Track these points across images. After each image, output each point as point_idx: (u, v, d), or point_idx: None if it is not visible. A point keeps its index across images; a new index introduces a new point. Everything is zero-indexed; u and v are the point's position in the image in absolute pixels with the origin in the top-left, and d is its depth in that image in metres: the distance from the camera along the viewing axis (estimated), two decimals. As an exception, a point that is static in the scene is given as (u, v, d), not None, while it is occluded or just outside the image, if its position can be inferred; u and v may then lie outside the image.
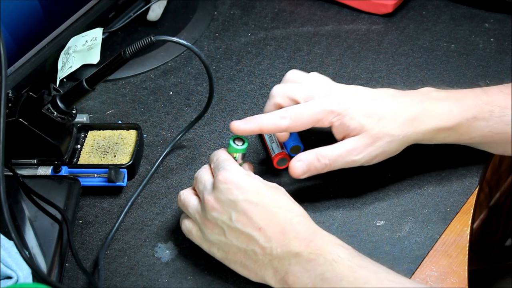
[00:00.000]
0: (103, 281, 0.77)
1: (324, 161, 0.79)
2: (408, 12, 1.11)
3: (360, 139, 0.79)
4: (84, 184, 0.85)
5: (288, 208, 0.74)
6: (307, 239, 0.71)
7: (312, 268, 0.70)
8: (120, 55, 0.78)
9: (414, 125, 0.80)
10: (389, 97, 0.82)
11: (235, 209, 0.73)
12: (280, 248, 0.71)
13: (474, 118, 0.81)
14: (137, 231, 0.83)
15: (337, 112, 0.79)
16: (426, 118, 0.80)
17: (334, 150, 0.79)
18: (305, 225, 0.73)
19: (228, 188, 0.73)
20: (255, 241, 0.72)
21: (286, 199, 0.75)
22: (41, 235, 0.78)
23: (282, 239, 0.71)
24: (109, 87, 1.00)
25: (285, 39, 1.07)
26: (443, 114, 0.81)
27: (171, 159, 0.90)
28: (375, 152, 0.80)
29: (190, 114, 0.96)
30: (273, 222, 0.72)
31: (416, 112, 0.80)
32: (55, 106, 0.82)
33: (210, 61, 1.04)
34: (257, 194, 0.73)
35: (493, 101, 0.82)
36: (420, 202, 0.84)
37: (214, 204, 0.74)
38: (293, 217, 0.73)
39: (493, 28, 1.07)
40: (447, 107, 0.81)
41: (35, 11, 0.88)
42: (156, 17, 1.08)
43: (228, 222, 0.73)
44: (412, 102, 0.81)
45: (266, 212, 0.73)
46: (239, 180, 0.74)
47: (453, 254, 0.80)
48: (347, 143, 0.80)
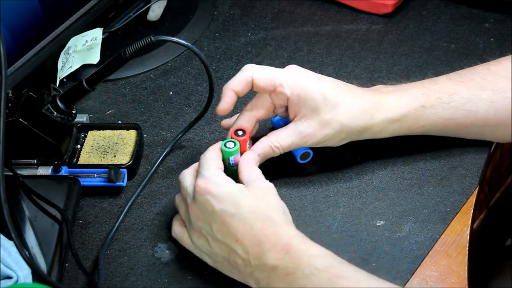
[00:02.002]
0: (103, 281, 0.77)
1: (278, 150, 0.82)
2: (408, 12, 1.11)
3: (311, 124, 0.81)
4: (84, 184, 0.85)
5: (264, 217, 0.72)
6: (282, 251, 0.70)
7: (292, 281, 0.69)
8: (120, 55, 0.78)
9: (364, 118, 0.82)
10: (347, 90, 0.84)
11: (214, 220, 0.73)
12: (257, 261, 0.71)
13: (422, 107, 0.84)
14: (137, 231, 0.83)
15: (299, 87, 0.81)
16: (375, 111, 0.83)
17: (286, 139, 0.81)
18: (281, 235, 0.72)
19: (205, 199, 0.73)
20: (235, 252, 0.72)
21: (266, 202, 0.74)
22: (41, 235, 0.78)
23: (259, 252, 0.71)
24: (109, 87, 1.00)
25: (285, 39, 1.07)
26: (391, 106, 0.83)
27: (171, 159, 0.90)
28: (323, 138, 0.82)
29: (190, 114, 0.96)
30: (250, 234, 0.72)
31: (367, 106, 0.83)
32: (55, 106, 0.82)
33: (210, 61, 1.04)
34: (233, 204, 0.73)
35: (441, 88, 0.85)
36: (420, 202, 0.84)
37: (197, 214, 0.74)
38: (269, 227, 0.72)
39: (493, 28, 1.07)
40: (395, 100, 0.84)
41: (35, 11, 0.88)
42: (156, 17, 1.08)
43: (210, 232, 0.73)
44: (364, 97, 0.84)
45: (243, 223, 0.72)
46: (215, 189, 0.73)
47: (453, 254, 0.80)
48: (297, 128, 0.81)
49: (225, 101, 0.81)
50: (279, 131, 0.82)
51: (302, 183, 0.87)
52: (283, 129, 0.82)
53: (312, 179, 0.87)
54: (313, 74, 0.83)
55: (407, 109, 0.83)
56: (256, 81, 0.81)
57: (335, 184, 0.87)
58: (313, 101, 0.81)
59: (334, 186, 0.86)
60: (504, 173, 1.34)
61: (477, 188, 0.86)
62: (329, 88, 0.82)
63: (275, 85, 0.81)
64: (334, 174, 0.87)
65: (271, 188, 0.76)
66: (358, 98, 0.83)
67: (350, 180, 0.87)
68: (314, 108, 0.81)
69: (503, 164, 1.35)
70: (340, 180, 0.87)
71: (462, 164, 0.88)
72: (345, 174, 0.87)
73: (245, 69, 0.82)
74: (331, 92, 0.82)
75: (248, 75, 0.81)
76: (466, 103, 0.84)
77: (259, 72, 0.82)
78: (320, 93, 0.81)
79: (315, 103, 0.81)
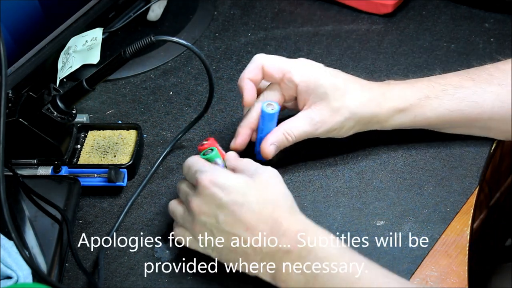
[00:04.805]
0: (103, 281, 0.77)
1: (292, 139, 0.83)
2: (408, 12, 1.11)
3: (321, 111, 0.83)
4: (84, 184, 0.85)
5: (274, 205, 0.73)
6: (296, 236, 0.71)
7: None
8: (120, 55, 0.78)
9: (371, 105, 0.84)
10: (354, 80, 0.86)
11: (222, 212, 0.73)
12: (269, 247, 0.71)
13: (427, 97, 0.85)
14: (137, 231, 0.83)
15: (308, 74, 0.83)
16: (382, 100, 0.84)
17: (299, 126, 0.83)
18: (294, 220, 0.73)
19: (212, 192, 0.73)
20: (244, 240, 0.72)
21: (273, 190, 0.74)
22: (41, 235, 0.78)
23: (271, 237, 0.71)
24: (109, 87, 1.00)
25: (285, 39, 1.07)
26: (397, 96, 0.85)
27: (171, 159, 0.90)
28: (334, 125, 0.83)
29: (190, 114, 0.96)
30: (260, 221, 0.72)
31: (374, 95, 0.85)
32: (55, 106, 0.82)
33: (210, 61, 1.04)
34: (241, 194, 0.73)
35: (447, 82, 0.86)
36: (420, 202, 0.84)
37: (201, 209, 0.74)
38: (281, 214, 0.72)
39: (493, 28, 1.07)
40: (400, 90, 0.86)
41: (35, 11, 0.88)
42: (156, 17, 1.08)
43: (216, 224, 0.73)
44: (372, 87, 0.86)
45: (252, 211, 0.72)
46: (221, 181, 0.73)
47: (453, 254, 0.80)
48: (309, 115, 0.83)
49: (247, 92, 0.83)
50: (290, 120, 0.84)
51: (302, 183, 0.87)
52: (294, 117, 0.84)
53: (312, 179, 0.87)
54: (321, 65, 0.86)
55: (413, 99, 0.85)
56: (266, 68, 0.84)
57: (335, 184, 0.87)
58: (322, 88, 0.83)
59: (334, 186, 0.86)
60: (504, 173, 1.34)
61: (477, 188, 0.86)
62: (337, 77, 0.85)
63: (284, 71, 0.83)
64: (334, 174, 0.87)
65: (275, 176, 0.76)
66: (365, 87, 0.85)
67: (350, 180, 0.87)
68: (324, 96, 0.83)
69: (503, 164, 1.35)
70: (340, 180, 0.87)
71: (462, 164, 0.88)
72: (345, 174, 0.87)
73: (255, 58, 0.85)
74: (340, 81, 0.84)
75: (259, 63, 0.84)
76: (472, 94, 0.85)
77: (269, 60, 0.84)
78: (328, 81, 0.83)
79: (324, 90, 0.83)
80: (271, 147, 0.83)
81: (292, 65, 0.84)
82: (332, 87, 0.83)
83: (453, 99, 0.85)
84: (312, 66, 0.85)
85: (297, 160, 0.89)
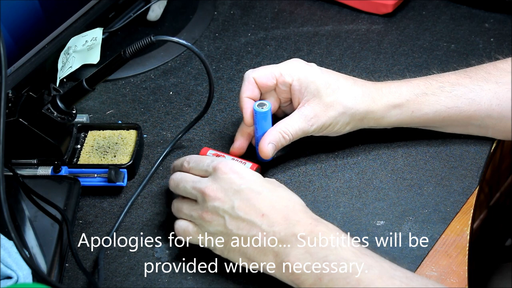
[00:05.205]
0: (103, 281, 0.77)
1: (288, 137, 0.84)
2: (408, 12, 1.11)
3: (314, 107, 0.84)
4: (84, 184, 0.85)
5: (289, 198, 0.76)
6: (311, 225, 0.72)
7: (315, 251, 0.70)
8: (120, 55, 0.78)
9: (365, 100, 0.85)
10: (348, 78, 0.87)
11: (239, 198, 0.74)
12: (284, 232, 0.72)
13: (424, 93, 0.86)
14: (137, 231, 0.83)
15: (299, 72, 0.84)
16: (376, 95, 0.85)
17: (294, 124, 0.84)
18: (308, 213, 0.75)
19: (230, 177, 0.75)
20: (257, 227, 0.73)
21: (286, 190, 0.77)
22: (41, 235, 0.78)
23: (286, 224, 0.72)
24: (109, 87, 1.00)
25: (285, 39, 1.07)
26: (393, 91, 0.86)
27: (171, 159, 0.90)
28: (327, 121, 0.84)
29: (190, 114, 0.96)
30: (276, 209, 0.73)
31: (368, 90, 0.85)
32: (55, 106, 0.82)
33: (210, 61, 1.04)
34: (259, 184, 0.75)
35: (444, 79, 0.87)
36: (420, 202, 0.84)
37: (216, 194, 0.75)
38: (295, 205, 0.75)
39: (493, 28, 1.08)
40: (396, 86, 0.86)
41: (35, 11, 0.88)
42: (156, 17, 1.08)
43: (230, 210, 0.74)
44: (365, 84, 0.87)
45: (269, 199, 0.74)
46: (240, 169, 0.76)
47: (453, 254, 0.80)
48: (302, 113, 0.84)
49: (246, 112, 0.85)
50: (285, 119, 0.85)
51: (302, 183, 0.87)
52: (289, 116, 0.85)
53: (312, 179, 0.87)
54: (313, 64, 0.87)
55: (409, 95, 0.86)
56: (258, 81, 0.85)
57: (335, 184, 0.87)
58: (313, 85, 0.84)
59: (334, 186, 0.86)
60: (504, 173, 1.34)
61: (477, 188, 0.86)
62: (329, 74, 0.86)
63: (276, 76, 0.85)
64: (334, 174, 0.88)
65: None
66: (358, 83, 0.86)
67: (350, 180, 0.87)
68: (316, 92, 0.84)
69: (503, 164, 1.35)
70: (340, 180, 0.87)
71: (462, 164, 0.88)
72: (345, 174, 0.87)
73: (246, 75, 0.86)
74: (331, 78, 0.85)
75: (251, 78, 0.85)
76: (469, 92, 0.85)
77: (258, 72, 0.86)
78: (320, 78, 0.84)
79: (316, 86, 0.84)
80: (269, 146, 0.84)
81: (282, 67, 0.86)
82: (324, 84, 0.84)
83: (450, 96, 0.85)
84: (303, 65, 0.86)
85: (297, 160, 0.89)
